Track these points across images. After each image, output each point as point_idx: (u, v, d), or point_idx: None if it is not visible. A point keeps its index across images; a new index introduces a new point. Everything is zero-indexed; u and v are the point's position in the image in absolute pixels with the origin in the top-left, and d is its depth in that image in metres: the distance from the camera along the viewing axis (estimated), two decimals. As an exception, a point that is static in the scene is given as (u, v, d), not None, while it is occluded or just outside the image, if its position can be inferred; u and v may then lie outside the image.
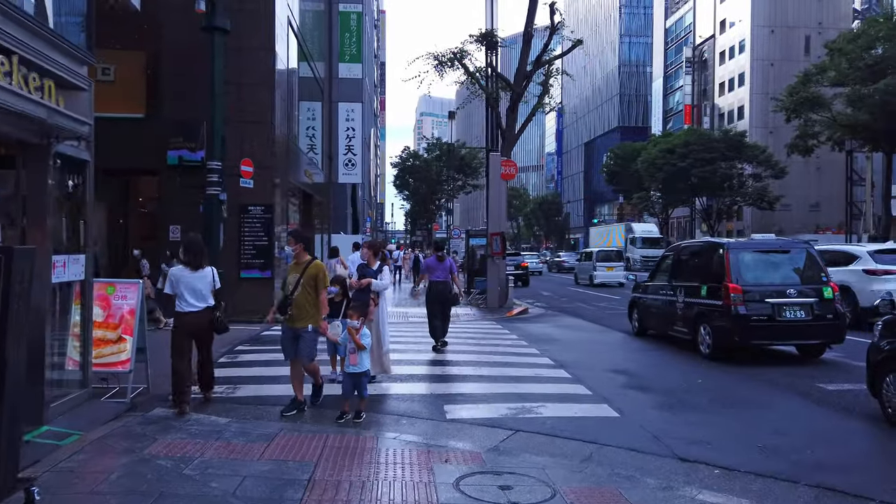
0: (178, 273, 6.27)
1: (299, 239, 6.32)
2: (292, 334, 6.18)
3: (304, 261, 6.23)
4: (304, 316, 6.11)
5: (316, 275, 6.15)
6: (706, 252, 10.14)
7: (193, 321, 6.16)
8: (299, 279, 6.11)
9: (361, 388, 5.93)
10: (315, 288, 6.14)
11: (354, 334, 5.85)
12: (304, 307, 6.10)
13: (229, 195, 13.83)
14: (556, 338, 11.88)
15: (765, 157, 53.13)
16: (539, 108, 20.82)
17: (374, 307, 7.27)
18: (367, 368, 5.97)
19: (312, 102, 23.75)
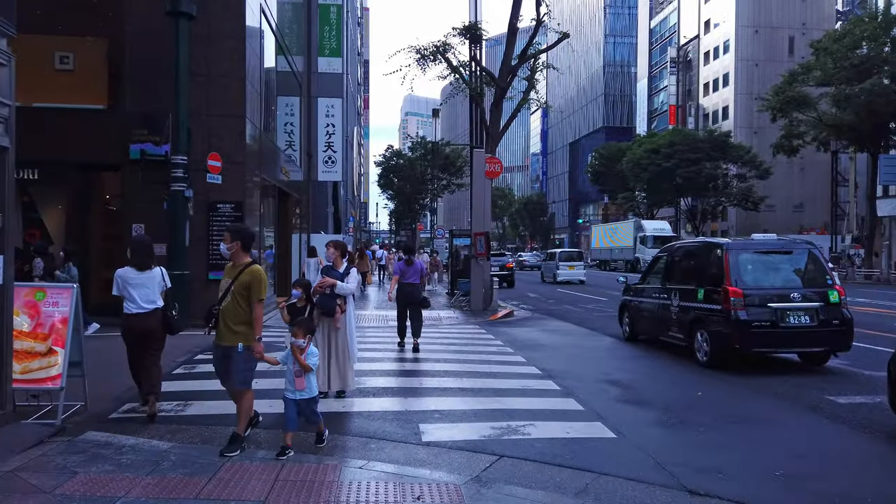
0: (124, 274, 5.91)
1: (236, 235, 5.07)
2: (221, 353, 5.02)
3: (240, 263, 5.05)
4: (231, 331, 4.93)
5: (249, 283, 4.91)
6: (703, 252, 9.52)
7: (141, 324, 5.89)
8: (230, 286, 4.98)
9: (312, 416, 5.02)
10: (247, 299, 4.92)
11: (299, 354, 4.92)
12: (232, 321, 4.93)
13: (196, 192, 13.04)
14: (543, 343, 11.21)
15: (749, 158, 53.06)
16: (524, 104, 20.15)
17: (340, 314, 6.55)
18: (316, 393, 5.05)
19: (290, 98, 22.93)
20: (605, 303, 20.49)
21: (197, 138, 13.10)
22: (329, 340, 6.61)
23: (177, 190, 12.20)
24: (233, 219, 13.40)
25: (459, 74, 20.07)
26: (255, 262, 5.13)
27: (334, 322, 6.54)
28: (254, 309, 4.93)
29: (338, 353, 6.59)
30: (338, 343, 6.60)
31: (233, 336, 4.91)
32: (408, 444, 5.32)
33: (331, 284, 6.49)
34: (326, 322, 6.59)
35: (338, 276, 6.59)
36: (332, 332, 6.60)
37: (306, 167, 24.71)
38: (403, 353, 9.85)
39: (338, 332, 6.59)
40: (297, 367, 4.91)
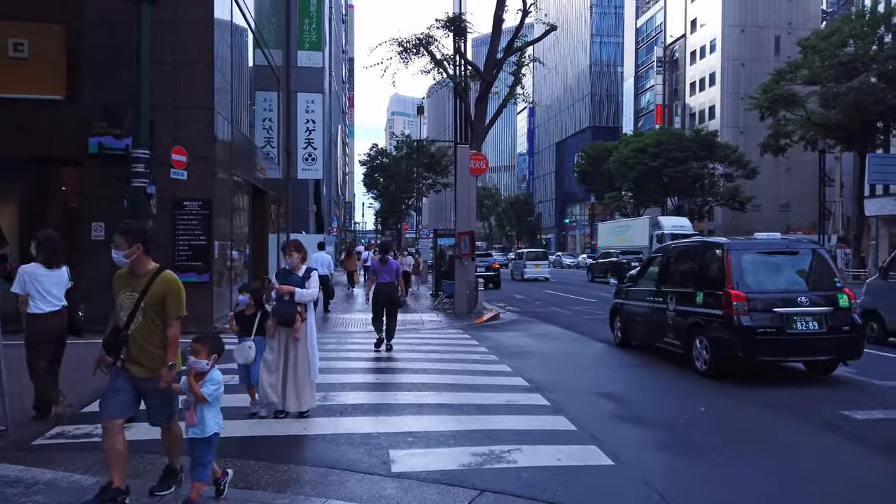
0: (31, 271, 5.45)
1: (137, 237, 3.94)
2: (128, 385, 3.88)
3: (146, 271, 3.92)
4: (150, 359, 3.86)
5: (164, 295, 3.86)
6: (701, 253, 8.85)
7: (55, 323, 5.58)
8: (139, 302, 3.84)
9: (202, 458, 3.79)
10: (162, 316, 3.87)
11: (194, 381, 3.75)
12: (151, 345, 3.86)
13: (160, 189, 12.17)
14: (530, 350, 10.50)
15: (736, 157, 52.84)
16: (511, 99, 19.47)
17: (300, 322, 5.80)
18: (213, 432, 3.82)
19: (269, 93, 22.10)
20: (594, 305, 19.86)
21: (161, 131, 12.23)
22: (287, 353, 5.86)
23: (138, 186, 11.34)
24: (200, 218, 12.60)
25: (443, 68, 19.38)
26: (164, 268, 4.04)
27: (294, 332, 5.80)
28: (170, 327, 3.86)
29: (296, 367, 5.84)
30: (297, 356, 5.86)
31: (153, 365, 3.87)
32: (374, 475, 4.58)
33: (289, 291, 5.75)
34: (285, 332, 5.84)
35: (297, 281, 5.84)
36: (291, 344, 5.86)
37: (285, 165, 23.88)
38: (379, 360, 9.12)
39: (297, 344, 5.85)
40: (191, 397, 3.78)
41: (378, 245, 12.58)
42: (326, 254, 18.22)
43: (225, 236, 13.61)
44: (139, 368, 3.87)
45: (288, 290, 5.74)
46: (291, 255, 5.90)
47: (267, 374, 5.84)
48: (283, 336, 5.84)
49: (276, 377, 5.80)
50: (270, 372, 5.82)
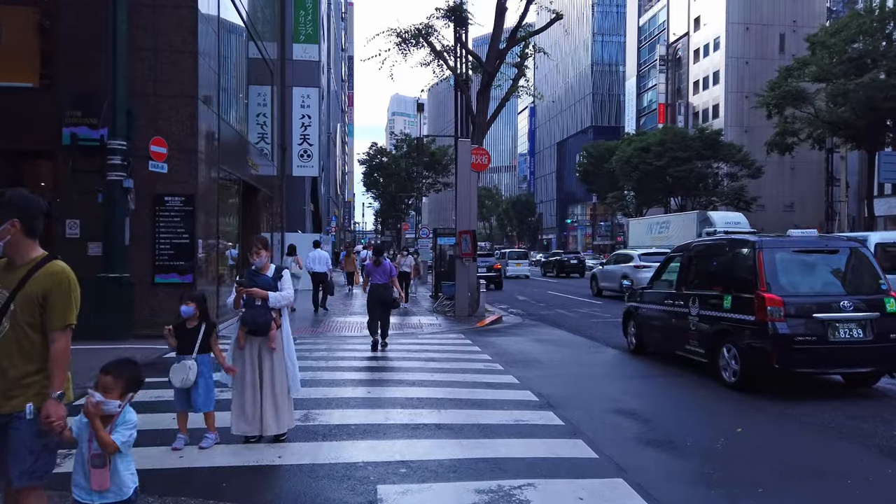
0: None
1: (11, 211, 2.73)
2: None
3: (27, 260, 2.77)
4: (14, 384, 2.70)
5: (46, 294, 2.71)
6: (729, 251, 8.01)
7: None
8: (7, 302, 2.70)
9: None
10: (39, 325, 2.73)
11: (99, 424, 2.66)
12: (14, 365, 2.70)
13: (139, 183, 11.36)
14: (537, 358, 9.66)
15: (741, 157, 51.98)
16: (514, 92, 18.61)
17: (275, 330, 4.97)
18: (133, 489, 2.78)
19: (263, 87, 21.29)
20: (602, 307, 19.01)
21: (141, 121, 11.47)
22: (261, 368, 5.02)
23: (114, 180, 10.58)
24: (183, 214, 11.78)
25: (443, 60, 18.52)
26: (52, 257, 2.82)
27: (269, 341, 4.97)
28: (54, 342, 2.72)
29: (273, 382, 5.01)
30: (273, 370, 5.02)
31: (18, 392, 2.70)
32: (358, 522, 3.75)
33: (261, 296, 4.91)
34: (257, 343, 5.01)
35: (266, 282, 5.00)
36: (266, 355, 5.03)
37: (280, 161, 23.06)
38: (371, 370, 8.28)
39: (273, 355, 5.01)
40: (94, 447, 2.70)
41: (374, 247, 12.08)
42: (324, 251, 17.57)
43: (211, 235, 12.79)
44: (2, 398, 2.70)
45: (260, 293, 4.91)
46: (259, 254, 5.06)
47: (239, 395, 5.01)
48: (255, 347, 5.01)
49: (252, 396, 4.97)
50: (244, 391, 4.99)
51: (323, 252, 17.00)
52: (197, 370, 4.89)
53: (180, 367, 4.87)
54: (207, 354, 5.03)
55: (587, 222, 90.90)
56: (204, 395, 4.93)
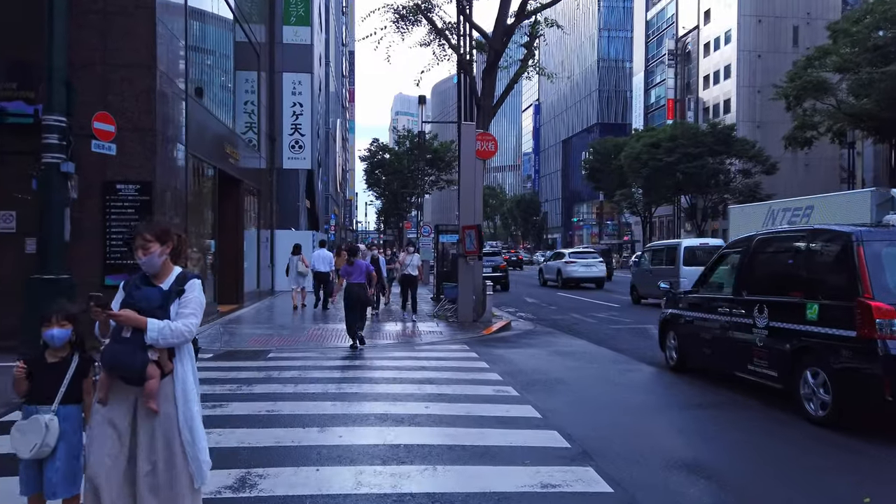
0: None
1: None
2: None
3: None
4: None
5: None
6: (812, 245, 6.21)
7: None
8: None
9: None
10: None
11: None
12: None
13: (85, 167, 9.57)
14: (558, 377, 7.86)
15: (755, 152, 50.10)
16: (523, 74, 16.82)
17: (156, 378, 2.94)
18: None
19: (250, 72, 19.58)
20: (620, 311, 17.22)
21: (87, 95, 9.73)
22: (136, 436, 2.98)
23: (50, 162, 8.80)
24: (138, 205, 10.03)
25: (445, 39, 16.77)
26: None
27: (146, 397, 2.94)
28: None
29: (155, 470, 2.95)
30: (153, 447, 2.96)
31: None
32: None
33: (134, 322, 2.92)
34: (133, 395, 2.99)
35: (150, 299, 3.01)
36: (144, 422, 2.97)
37: (269, 153, 21.34)
38: (351, 401, 6.50)
39: (155, 423, 2.98)
40: None
41: (347, 247, 11.10)
42: (329, 252, 16.45)
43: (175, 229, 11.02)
44: None
45: (131, 319, 2.91)
46: (148, 251, 3.02)
47: (92, 491, 2.92)
48: (126, 406, 2.98)
49: (118, 489, 2.92)
50: (107, 479, 2.91)
51: (327, 252, 16.44)
52: (58, 431, 3.07)
53: (31, 425, 3.04)
54: (77, 406, 3.20)
55: (593, 221, 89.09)
56: (65, 471, 3.09)
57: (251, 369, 7.96)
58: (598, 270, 26.69)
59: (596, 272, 26.51)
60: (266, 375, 7.53)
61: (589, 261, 26.87)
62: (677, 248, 18.19)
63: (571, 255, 27.95)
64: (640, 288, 19.47)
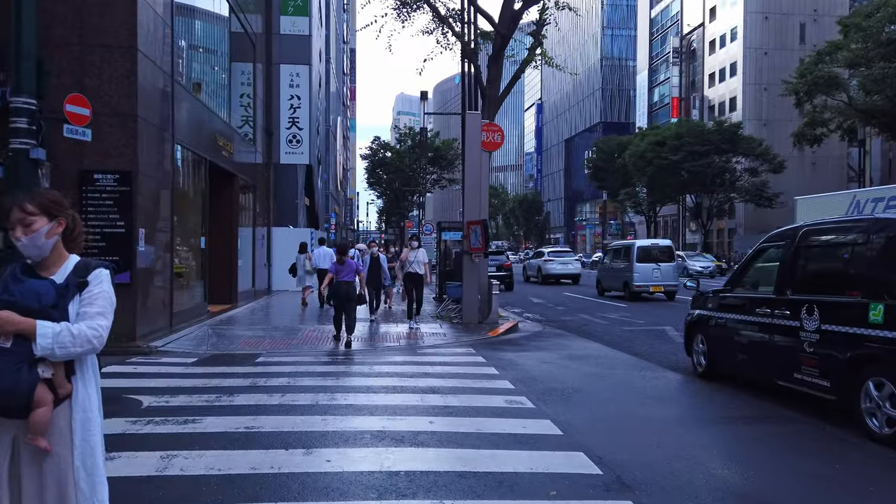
0: None
1: None
2: None
3: None
4: None
5: None
6: (876, 238, 5.42)
7: None
8: None
9: None
10: None
11: None
12: None
13: (59, 154, 8.85)
14: (577, 386, 7.08)
15: (762, 150, 49.26)
16: (530, 63, 16.03)
17: (48, 409, 2.08)
18: None
19: (246, 64, 18.83)
20: (630, 312, 16.44)
21: (63, 77, 9.00)
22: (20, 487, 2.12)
23: (19, 148, 8.05)
24: (117, 196, 9.27)
25: (448, 26, 15.97)
26: None
27: (32, 433, 2.09)
28: None
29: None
30: (44, 493, 2.11)
31: None
32: None
33: (19, 326, 2.04)
34: (11, 432, 2.12)
35: (47, 294, 2.13)
36: (30, 463, 2.13)
37: (265, 147, 20.58)
38: (345, 414, 5.73)
39: (45, 465, 2.13)
40: None
41: (337, 246, 11.05)
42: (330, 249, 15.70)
43: (159, 223, 10.27)
44: None
45: (12, 322, 2.03)
46: (31, 228, 2.13)
47: None
48: (4, 443, 2.12)
49: None
50: None
51: (328, 249, 15.71)
52: None
53: None
54: None
55: (596, 220, 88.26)
56: None
57: (236, 376, 7.20)
58: (574, 268, 28.97)
59: (571, 269, 28.77)
60: (251, 383, 6.76)
61: (566, 259, 29.70)
62: (631, 247, 20.68)
63: (550, 253, 30.26)
64: (604, 282, 22.16)
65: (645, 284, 19.52)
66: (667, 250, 20.58)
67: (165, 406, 5.64)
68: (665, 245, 21.00)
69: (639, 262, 19.70)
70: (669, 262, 20.07)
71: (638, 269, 19.58)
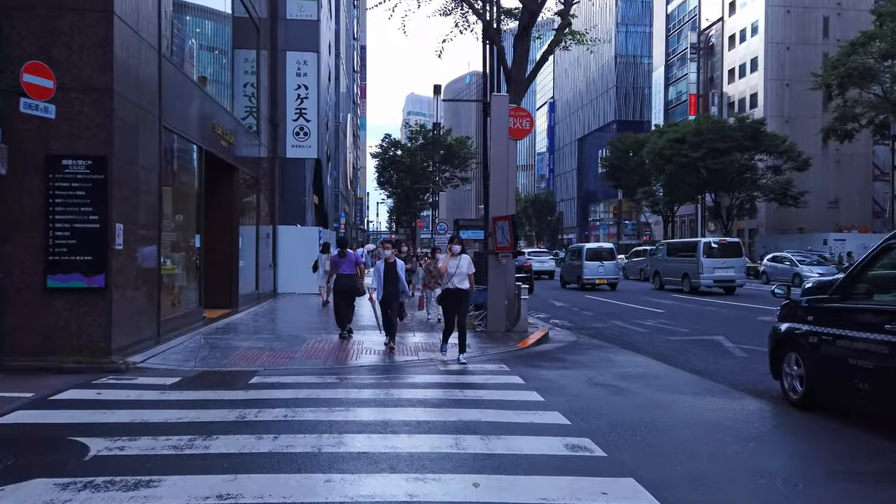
0: None
1: None
2: None
3: None
4: None
5: None
6: None
7: None
8: None
9: None
10: None
11: None
12: None
13: (21, 136, 7.49)
14: (647, 421, 5.60)
15: (786, 148, 47.44)
16: (557, 45, 14.59)
17: None
18: None
19: (250, 51, 17.51)
20: (667, 317, 14.94)
21: (25, 46, 7.68)
22: None
23: (-34, 127, 6.73)
24: (90, 185, 7.90)
25: (468, 4, 14.58)
26: None
27: None
28: None
29: None
30: None
31: None
32: None
33: None
34: None
35: None
36: None
37: (271, 140, 19.25)
38: (356, 476, 4.31)
39: None
40: None
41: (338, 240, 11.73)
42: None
43: (141, 218, 8.90)
44: None
45: None
46: None
47: None
48: None
49: None
50: None
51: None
52: None
53: None
54: None
55: (610, 221, 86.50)
56: None
57: (221, 404, 5.81)
58: (549, 265, 34.95)
59: (547, 266, 34.50)
60: (238, 416, 5.36)
61: (543, 258, 35.78)
62: (582, 248, 26.76)
63: (530, 254, 33.81)
64: (565, 276, 27.27)
65: (592, 277, 24.61)
66: (610, 251, 26.56)
67: (117, 455, 4.25)
68: (609, 247, 28.04)
69: (588, 261, 24.94)
70: (612, 260, 25.46)
71: (587, 266, 24.83)
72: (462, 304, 8.89)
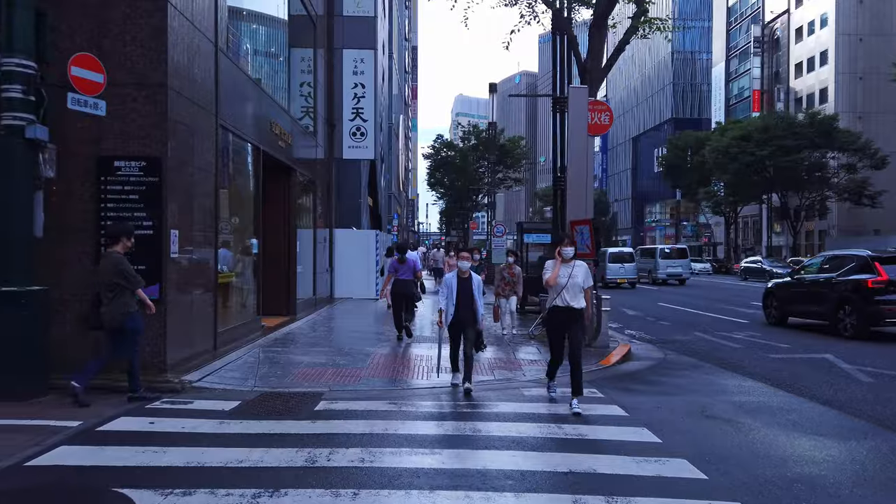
0: None
1: None
2: None
3: None
4: None
5: None
6: None
7: None
8: None
9: None
10: None
11: None
12: None
13: (70, 136, 6.93)
14: (793, 478, 4.55)
15: (861, 145, 44.69)
16: (634, 34, 13.46)
17: None
18: None
19: (306, 50, 16.96)
20: (754, 329, 13.60)
21: (74, 37, 7.11)
22: None
23: (11, 125, 6.16)
24: (144, 189, 7.28)
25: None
26: None
27: None
28: None
29: None
30: None
31: None
32: None
33: None
34: None
35: None
36: None
37: (327, 141, 18.68)
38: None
39: None
40: None
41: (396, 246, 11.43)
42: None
43: (197, 223, 8.27)
44: None
45: None
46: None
47: None
48: None
49: None
50: None
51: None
52: None
53: None
54: None
55: (667, 222, 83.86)
56: None
57: (288, 441, 5.03)
58: None
59: None
60: (308, 461, 4.56)
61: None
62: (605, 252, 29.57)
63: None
64: None
65: (614, 277, 28.72)
66: (630, 255, 30.36)
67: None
68: (628, 251, 31.40)
69: (610, 263, 28.90)
70: (631, 263, 29.62)
71: (610, 267, 28.77)
72: (575, 328, 6.76)
